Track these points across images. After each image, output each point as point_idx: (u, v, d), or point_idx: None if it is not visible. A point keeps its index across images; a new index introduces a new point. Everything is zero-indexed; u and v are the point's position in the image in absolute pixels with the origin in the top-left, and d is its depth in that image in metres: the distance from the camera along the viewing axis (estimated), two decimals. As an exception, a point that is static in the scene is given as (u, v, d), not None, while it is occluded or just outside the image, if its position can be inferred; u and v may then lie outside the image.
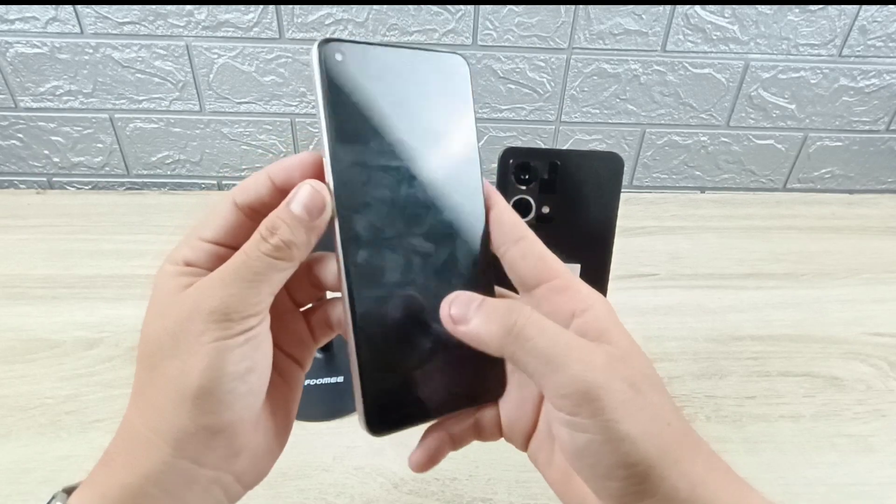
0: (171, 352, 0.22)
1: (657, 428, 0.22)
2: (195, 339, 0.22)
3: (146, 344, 0.23)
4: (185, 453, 0.22)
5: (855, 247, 0.73)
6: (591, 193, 0.41)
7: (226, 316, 0.22)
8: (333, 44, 0.24)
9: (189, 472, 0.22)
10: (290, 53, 0.73)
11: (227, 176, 0.83)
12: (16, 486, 0.42)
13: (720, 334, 0.58)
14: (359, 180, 0.25)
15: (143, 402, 0.23)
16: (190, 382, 0.22)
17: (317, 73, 0.24)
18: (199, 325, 0.22)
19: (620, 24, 0.72)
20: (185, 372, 0.22)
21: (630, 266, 0.68)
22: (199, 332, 0.22)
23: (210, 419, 0.22)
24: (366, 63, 0.25)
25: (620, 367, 0.23)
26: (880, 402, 0.51)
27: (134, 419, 0.23)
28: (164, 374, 0.22)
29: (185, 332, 0.22)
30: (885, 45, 0.75)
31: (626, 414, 0.22)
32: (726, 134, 0.82)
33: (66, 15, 0.69)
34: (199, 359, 0.22)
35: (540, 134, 0.81)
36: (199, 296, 0.22)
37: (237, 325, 0.22)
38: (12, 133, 0.78)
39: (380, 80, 0.25)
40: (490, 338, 0.23)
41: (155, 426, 0.22)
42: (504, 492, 0.42)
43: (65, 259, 0.66)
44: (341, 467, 0.44)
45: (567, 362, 0.22)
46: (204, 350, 0.22)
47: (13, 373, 0.51)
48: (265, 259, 0.23)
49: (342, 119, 0.25)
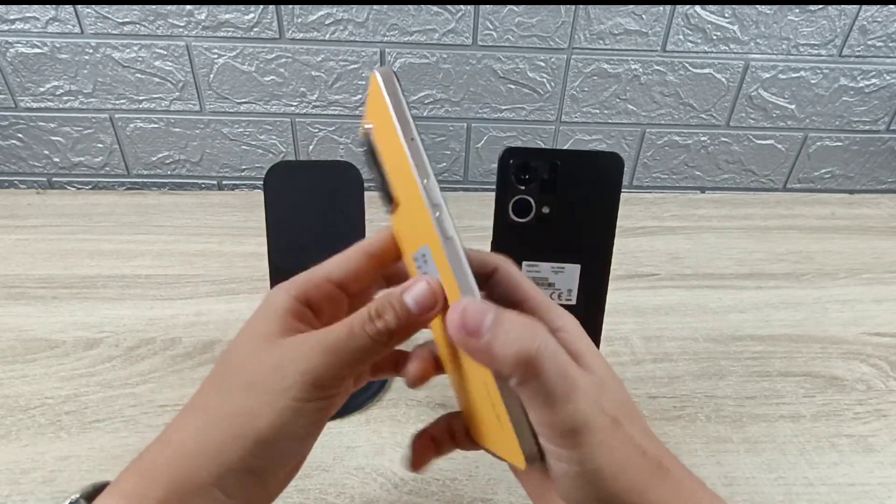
0: (250, 388, 0.23)
1: (631, 461, 0.23)
2: (279, 391, 0.22)
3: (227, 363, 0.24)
4: (222, 487, 0.22)
5: (855, 247, 0.73)
6: (591, 193, 0.41)
7: (316, 382, 0.23)
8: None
9: (217, 501, 0.22)
10: (290, 53, 0.73)
11: (227, 176, 0.83)
12: (16, 486, 0.42)
13: (720, 334, 0.58)
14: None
15: (201, 420, 0.23)
16: (256, 427, 0.22)
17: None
18: (288, 381, 0.22)
19: (620, 24, 0.72)
20: (255, 415, 0.22)
21: (630, 266, 0.68)
22: (286, 388, 0.22)
23: (257, 464, 0.23)
24: None
25: (603, 400, 0.23)
26: (880, 403, 0.51)
27: (187, 430, 0.23)
28: (231, 404, 0.23)
29: (272, 380, 0.23)
30: (886, 45, 0.75)
31: (603, 450, 0.22)
32: (726, 134, 0.82)
33: (67, 15, 0.69)
34: (274, 412, 0.22)
35: (540, 134, 0.81)
36: (298, 353, 0.23)
37: (320, 393, 0.23)
38: (12, 133, 0.78)
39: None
40: (504, 360, 0.22)
41: (203, 454, 0.22)
42: (504, 492, 0.42)
43: (65, 259, 0.66)
44: (341, 467, 0.44)
45: (565, 400, 0.22)
46: (282, 404, 0.22)
47: (13, 373, 0.51)
48: (367, 340, 0.23)
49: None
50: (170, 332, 0.56)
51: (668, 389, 0.51)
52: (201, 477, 0.22)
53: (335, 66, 0.74)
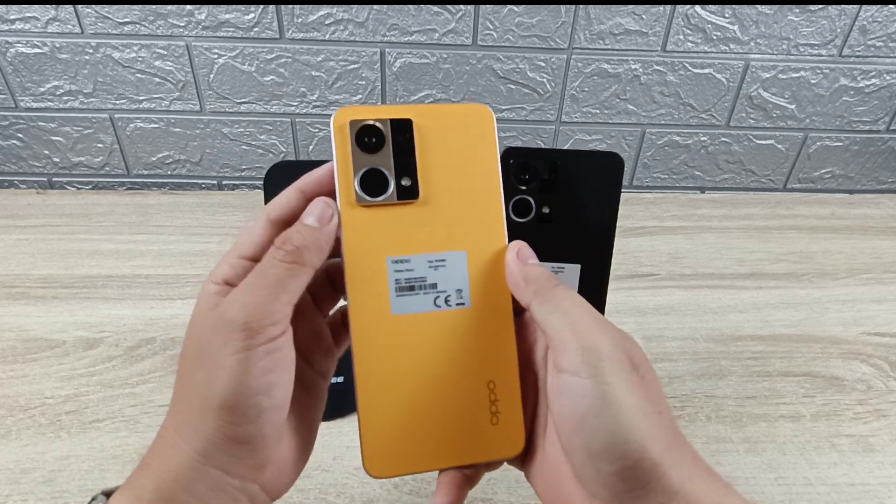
0: (198, 363, 0.23)
1: (650, 410, 0.23)
2: (219, 351, 0.23)
3: (182, 357, 0.25)
4: (213, 462, 0.23)
5: (855, 247, 0.73)
6: (591, 193, 0.41)
7: (246, 325, 0.22)
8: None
9: (217, 480, 0.23)
10: (290, 53, 0.73)
11: (227, 176, 0.83)
12: (16, 486, 0.42)
13: (720, 334, 0.58)
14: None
15: (175, 411, 0.24)
16: (214, 393, 0.22)
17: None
18: (223, 337, 0.23)
19: (620, 24, 0.72)
20: (210, 383, 0.23)
21: (630, 266, 0.68)
22: (223, 344, 0.23)
23: (234, 430, 0.23)
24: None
25: (627, 346, 0.24)
26: (881, 403, 0.51)
27: (168, 426, 0.24)
28: (192, 385, 0.23)
29: (210, 343, 0.23)
30: (886, 45, 0.75)
31: (623, 384, 0.22)
32: (726, 134, 0.82)
33: (67, 15, 0.69)
34: (224, 371, 0.22)
35: (540, 134, 0.81)
36: (222, 309, 0.23)
37: (258, 336, 0.23)
38: (12, 133, 0.78)
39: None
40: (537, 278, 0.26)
41: (185, 434, 0.23)
42: (504, 492, 0.42)
43: (65, 259, 0.66)
44: (341, 467, 0.44)
45: (583, 324, 0.24)
46: (227, 362, 0.22)
47: (13, 373, 0.51)
48: (279, 265, 0.24)
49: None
50: (170, 332, 0.56)
51: (668, 389, 0.51)
52: (190, 458, 0.22)
53: (335, 66, 0.74)
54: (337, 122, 0.26)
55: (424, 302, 0.27)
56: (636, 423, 0.22)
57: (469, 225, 0.27)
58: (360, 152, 0.26)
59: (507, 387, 0.27)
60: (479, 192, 0.28)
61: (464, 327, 0.27)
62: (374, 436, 0.26)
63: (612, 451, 0.22)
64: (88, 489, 0.42)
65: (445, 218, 0.27)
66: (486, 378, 0.27)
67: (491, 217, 0.28)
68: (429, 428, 0.27)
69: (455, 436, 0.27)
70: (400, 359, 0.27)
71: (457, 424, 0.27)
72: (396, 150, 0.27)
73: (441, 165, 0.27)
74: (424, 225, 0.27)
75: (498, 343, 0.27)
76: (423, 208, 0.27)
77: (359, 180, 0.26)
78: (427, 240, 0.27)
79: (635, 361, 0.24)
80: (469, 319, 0.27)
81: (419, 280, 0.27)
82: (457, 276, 0.27)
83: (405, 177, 0.27)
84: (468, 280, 0.27)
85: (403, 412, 0.26)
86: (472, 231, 0.27)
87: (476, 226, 0.27)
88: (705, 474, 0.23)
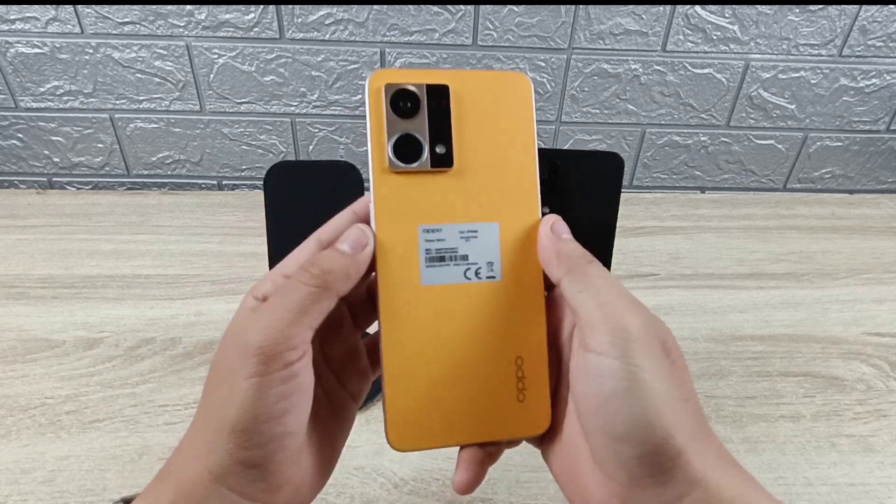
0: (217, 383, 0.23)
1: (678, 396, 0.22)
2: (235, 374, 0.22)
3: (211, 369, 0.24)
4: (226, 483, 0.22)
5: (855, 247, 0.73)
6: (591, 193, 0.41)
7: (261, 350, 0.22)
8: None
9: (229, 500, 0.22)
10: (290, 53, 0.73)
11: (227, 176, 0.83)
12: (16, 486, 0.42)
13: (720, 334, 0.58)
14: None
15: (197, 425, 0.24)
16: (227, 416, 0.22)
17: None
18: (240, 360, 0.22)
19: (620, 24, 0.72)
20: (224, 405, 0.22)
21: (630, 266, 0.68)
22: (239, 367, 0.22)
23: (244, 454, 0.22)
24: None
25: (661, 330, 0.23)
26: (881, 403, 0.51)
27: (186, 440, 0.24)
28: (209, 404, 0.23)
29: (229, 365, 0.22)
30: (886, 45, 0.75)
31: (653, 368, 0.22)
32: (726, 134, 0.82)
33: (67, 15, 0.69)
34: (237, 395, 0.22)
35: (540, 134, 0.81)
36: (243, 331, 0.23)
37: (274, 362, 0.22)
38: (12, 133, 0.78)
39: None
40: (570, 254, 0.25)
41: (201, 451, 0.23)
42: (504, 492, 0.42)
43: (65, 259, 0.66)
44: (341, 467, 0.43)
45: (615, 304, 0.23)
46: (241, 386, 0.22)
47: (13, 373, 0.51)
48: (303, 288, 0.23)
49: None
50: (170, 332, 0.56)
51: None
52: (204, 476, 0.22)
53: (335, 66, 0.74)
54: (372, 85, 0.26)
55: (455, 273, 0.26)
56: (663, 408, 0.21)
57: (503, 196, 0.27)
58: (395, 117, 0.26)
59: (535, 363, 0.27)
60: (514, 163, 0.27)
61: (494, 301, 0.27)
62: (398, 408, 0.25)
63: (635, 435, 0.21)
64: (88, 489, 0.42)
65: (479, 188, 0.27)
66: (515, 354, 0.27)
67: (525, 189, 0.27)
68: (454, 402, 0.26)
69: (480, 411, 0.26)
70: (427, 331, 0.26)
71: (483, 400, 0.26)
72: (432, 117, 0.26)
73: (477, 134, 0.27)
74: (458, 194, 0.26)
75: (527, 319, 0.27)
76: (456, 177, 0.26)
77: (392, 146, 0.26)
78: (460, 210, 0.26)
79: (667, 346, 0.23)
80: (499, 293, 0.27)
81: (450, 251, 0.26)
82: (488, 249, 0.27)
83: (440, 144, 0.26)
84: (500, 253, 0.27)
85: (429, 385, 0.26)
86: (505, 203, 0.27)
87: (510, 197, 0.27)
88: (729, 466, 0.22)
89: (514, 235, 0.27)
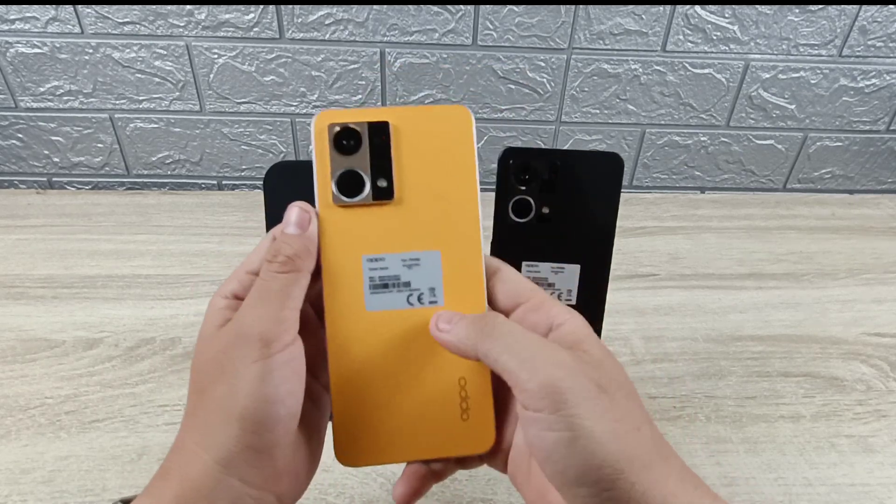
0: (218, 377, 0.24)
1: (624, 430, 0.22)
2: (240, 363, 0.24)
3: (196, 373, 0.26)
4: (232, 472, 0.23)
5: (855, 247, 0.73)
6: (591, 193, 0.41)
7: (262, 336, 0.24)
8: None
9: (236, 490, 0.23)
10: (290, 53, 0.73)
11: (227, 176, 0.83)
12: (16, 486, 0.42)
13: (720, 334, 0.58)
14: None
15: (195, 423, 0.25)
16: (236, 404, 0.23)
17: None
18: (240, 350, 0.24)
19: (620, 24, 0.72)
20: (232, 394, 0.23)
21: (630, 266, 0.68)
22: (242, 356, 0.24)
23: (253, 439, 0.23)
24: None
25: (589, 370, 0.23)
26: (881, 403, 0.51)
27: (186, 438, 0.25)
28: (212, 397, 0.24)
29: (230, 357, 0.24)
30: (885, 45, 0.75)
31: (590, 411, 0.22)
32: (726, 134, 0.82)
33: (67, 15, 0.69)
34: (245, 381, 0.23)
35: (540, 134, 0.81)
36: (238, 324, 0.25)
37: (274, 344, 0.24)
38: (12, 133, 0.78)
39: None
40: (467, 338, 0.25)
41: (205, 445, 0.24)
42: (504, 492, 0.42)
43: (65, 259, 0.66)
44: (341, 467, 0.43)
45: (536, 359, 0.23)
46: (248, 372, 0.23)
47: (13, 373, 0.51)
48: (279, 277, 0.25)
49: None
50: (170, 332, 0.56)
51: (667, 389, 0.51)
52: (210, 468, 0.23)
53: (335, 66, 0.74)
54: (317, 126, 0.27)
55: (398, 299, 0.28)
56: (609, 447, 0.22)
57: (444, 225, 0.28)
58: (338, 154, 0.27)
59: (478, 383, 0.28)
60: (455, 192, 0.28)
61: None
62: (345, 426, 0.27)
63: (587, 478, 0.22)
64: (88, 489, 0.42)
65: (420, 218, 0.28)
66: (457, 375, 0.28)
67: (466, 217, 0.28)
68: (399, 421, 0.27)
69: (424, 430, 0.27)
70: (372, 353, 0.27)
71: (426, 419, 0.27)
72: (373, 152, 0.27)
73: (417, 166, 0.28)
74: (399, 225, 0.28)
75: None
76: (398, 208, 0.28)
77: (336, 181, 0.27)
78: (402, 239, 0.28)
79: (601, 384, 0.23)
80: None
81: (393, 278, 0.28)
82: (430, 275, 0.28)
83: (381, 178, 0.27)
84: (442, 279, 0.28)
85: (374, 405, 0.27)
86: (446, 231, 0.28)
87: (451, 226, 0.28)
88: (692, 488, 0.23)
89: (455, 262, 0.28)
